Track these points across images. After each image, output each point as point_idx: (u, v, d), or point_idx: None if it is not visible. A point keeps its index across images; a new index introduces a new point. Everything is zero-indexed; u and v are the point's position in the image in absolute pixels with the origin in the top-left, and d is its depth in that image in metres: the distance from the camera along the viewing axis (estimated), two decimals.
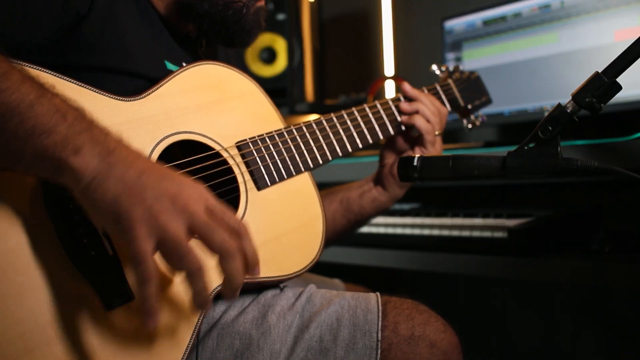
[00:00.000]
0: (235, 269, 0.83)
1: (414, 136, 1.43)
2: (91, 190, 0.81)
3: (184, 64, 1.16)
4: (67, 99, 0.86)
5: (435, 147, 1.41)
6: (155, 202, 0.80)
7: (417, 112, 1.39)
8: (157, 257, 0.82)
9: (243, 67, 1.44)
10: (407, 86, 1.42)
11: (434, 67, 1.60)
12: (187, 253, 0.80)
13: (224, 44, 1.27)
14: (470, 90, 1.58)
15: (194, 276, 0.81)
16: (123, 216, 0.80)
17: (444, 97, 1.50)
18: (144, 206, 0.80)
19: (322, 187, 1.32)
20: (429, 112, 1.39)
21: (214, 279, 0.93)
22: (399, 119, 1.39)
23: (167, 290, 0.95)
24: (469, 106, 1.56)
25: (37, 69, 0.92)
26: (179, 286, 0.96)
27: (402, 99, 1.42)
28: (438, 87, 1.50)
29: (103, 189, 0.80)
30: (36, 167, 0.84)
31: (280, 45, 2.67)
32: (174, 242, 0.80)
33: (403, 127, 1.40)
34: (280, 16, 2.63)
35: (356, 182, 1.49)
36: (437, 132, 1.41)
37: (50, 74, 0.94)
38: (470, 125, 1.59)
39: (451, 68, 1.60)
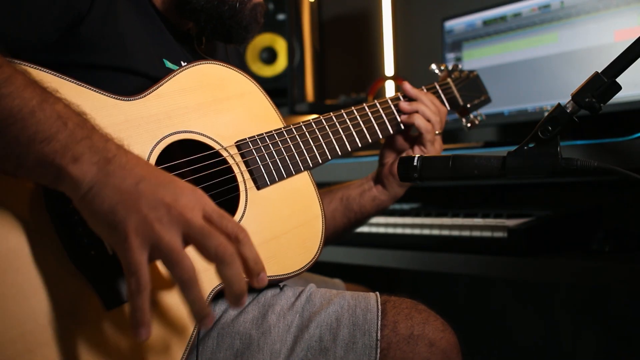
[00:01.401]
0: (233, 274, 0.81)
1: (413, 135, 1.43)
2: (89, 200, 0.81)
3: (183, 63, 1.17)
4: (69, 104, 0.86)
5: (435, 147, 1.41)
6: (151, 211, 0.80)
7: (417, 111, 1.39)
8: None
9: (243, 67, 1.44)
10: (407, 85, 1.42)
11: (433, 66, 1.59)
12: (179, 261, 0.80)
13: (222, 40, 1.27)
14: (470, 89, 1.58)
15: (186, 285, 0.80)
16: (118, 226, 0.80)
17: (442, 96, 1.49)
18: (140, 215, 0.80)
19: (322, 186, 1.32)
20: (429, 112, 1.39)
21: (214, 278, 0.93)
22: (398, 118, 1.39)
23: (167, 290, 0.95)
24: (468, 105, 1.56)
25: (38, 69, 0.92)
26: None
27: (401, 98, 1.42)
28: (437, 86, 1.50)
29: (100, 198, 0.81)
30: (37, 174, 0.84)
31: (280, 45, 2.67)
32: (167, 251, 0.80)
33: (402, 127, 1.40)
34: (280, 16, 2.64)
35: (356, 181, 1.49)
36: (437, 132, 1.41)
37: (50, 73, 0.94)
38: (469, 125, 1.59)
39: (450, 67, 1.60)
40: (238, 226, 0.85)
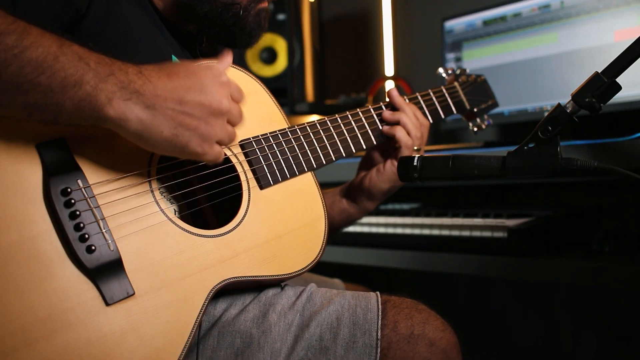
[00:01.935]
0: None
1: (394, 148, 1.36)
2: (144, 135, 0.91)
3: None
4: (82, 44, 0.89)
5: None
6: (205, 125, 0.94)
7: (398, 122, 1.33)
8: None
9: (243, 66, 1.44)
10: (394, 92, 1.37)
11: (440, 70, 1.58)
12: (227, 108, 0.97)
13: (226, 45, 1.27)
14: (477, 93, 1.57)
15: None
16: (186, 149, 0.94)
17: (425, 108, 1.43)
18: (198, 132, 0.93)
19: (325, 187, 1.32)
20: (411, 124, 1.33)
21: (215, 277, 0.93)
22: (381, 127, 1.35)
23: (167, 288, 0.96)
24: (475, 109, 1.55)
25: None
26: (180, 283, 0.96)
27: (383, 107, 1.36)
28: (432, 94, 1.46)
29: (155, 132, 0.91)
30: (77, 118, 0.88)
31: (280, 45, 2.67)
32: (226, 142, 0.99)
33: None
34: (280, 16, 2.64)
35: (331, 190, 1.45)
36: (415, 147, 1.34)
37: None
38: (475, 129, 1.57)
39: (457, 71, 1.59)
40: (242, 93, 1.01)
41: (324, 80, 2.90)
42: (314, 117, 1.29)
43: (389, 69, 2.69)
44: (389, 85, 2.66)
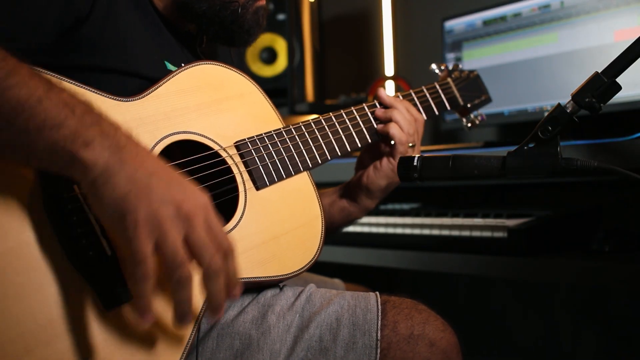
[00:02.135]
0: (218, 288, 0.84)
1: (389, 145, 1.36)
2: (100, 184, 0.82)
3: (184, 64, 1.16)
4: (75, 93, 0.87)
5: None
6: (161, 206, 0.82)
7: (391, 119, 1.32)
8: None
9: (243, 65, 1.44)
10: (382, 92, 1.36)
11: (434, 65, 1.58)
12: (182, 263, 0.81)
13: (224, 43, 1.27)
14: (470, 89, 1.57)
15: (181, 286, 0.82)
16: (128, 216, 0.81)
17: (418, 104, 1.42)
18: (150, 209, 0.81)
19: (321, 187, 1.31)
20: (404, 121, 1.32)
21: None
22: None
23: (165, 291, 0.95)
24: (469, 105, 1.55)
25: (38, 70, 0.92)
26: None
27: (377, 105, 1.36)
28: (425, 90, 1.45)
29: (112, 184, 0.82)
30: (47, 161, 0.84)
31: (280, 45, 2.67)
32: (172, 250, 0.81)
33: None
34: (280, 16, 2.64)
35: (330, 189, 1.44)
36: (410, 144, 1.33)
37: (48, 74, 0.94)
38: (469, 125, 1.58)
39: (450, 67, 1.59)
40: (230, 242, 0.87)
41: (324, 80, 2.89)
42: (313, 117, 1.28)
43: (389, 69, 2.69)
44: (389, 85, 2.65)
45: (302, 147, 1.20)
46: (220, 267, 0.84)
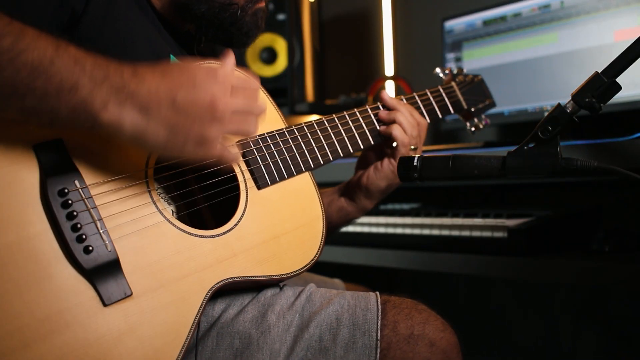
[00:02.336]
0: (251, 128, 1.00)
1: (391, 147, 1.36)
2: (140, 141, 0.90)
3: None
4: (78, 46, 0.88)
5: None
6: (200, 125, 0.91)
7: (394, 121, 1.33)
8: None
9: (242, 65, 1.44)
10: (385, 94, 1.37)
11: (438, 69, 1.57)
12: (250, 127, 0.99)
13: (223, 44, 1.27)
14: (474, 93, 1.57)
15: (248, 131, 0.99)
16: (183, 153, 0.93)
17: (422, 107, 1.43)
18: (194, 134, 0.91)
19: (323, 187, 1.31)
20: (407, 123, 1.33)
21: (213, 277, 0.92)
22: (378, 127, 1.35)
23: (165, 289, 0.95)
24: (472, 109, 1.55)
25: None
26: (178, 283, 0.96)
27: (380, 107, 1.36)
28: (429, 93, 1.46)
29: (149, 135, 0.90)
30: (72, 123, 0.88)
31: (280, 45, 2.67)
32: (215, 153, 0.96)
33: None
34: (280, 16, 2.63)
35: (328, 189, 1.45)
36: (412, 147, 1.34)
37: None
38: (473, 129, 1.57)
39: (455, 71, 1.58)
40: (255, 83, 1.01)
41: (324, 80, 2.89)
42: (314, 117, 1.28)
43: (389, 69, 2.69)
44: (389, 85, 2.66)
45: (304, 147, 1.20)
46: (250, 121, 0.99)
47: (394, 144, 1.32)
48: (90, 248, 0.90)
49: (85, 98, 0.85)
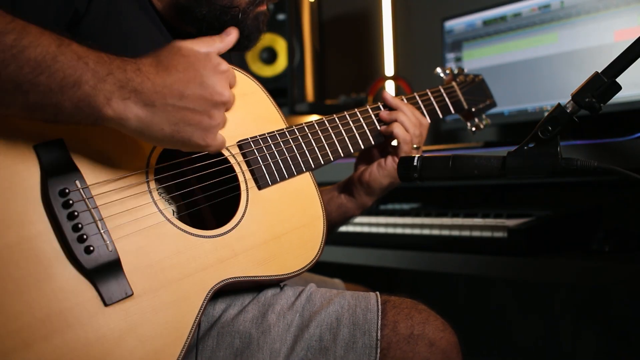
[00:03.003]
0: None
1: (392, 146, 1.37)
2: (145, 134, 0.92)
3: None
4: (80, 41, 0.88)
5: None
6: (208, 118, 0.94)
7: (396, 120, 1.33)
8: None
9: (243, 65, 1.44)
10: (387, 94, 1.37)
11: (438, 69, 1.57)
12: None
13: None
14: (474, 93, 1.57)
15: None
16: (188, 143, 0.94)
17: (423, 107, 1.43)
18: (201, 127, 0.94)
19: (323, 187, 1.31)
20: (409, 122, 1.33)
21: (213, 277, 0.92)
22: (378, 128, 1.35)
23: (166, 289, 0.95)
24: (473, 109, 1.55)
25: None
26: (178, 283, 0.96)
27: (381, 107, 1.37)
28: (429, 93, 1.46)
29: (155, 129, 0.91)
30: (77, 117, 0.88)
31: (280, 45, 2.67)
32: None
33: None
34: (280, 16, 2.64)
35: (328, 187, 1.45)
36: (415, 145, 1.34)
37: None
38: (474, 129, 1.57)
39: (455, 70, 1.58)
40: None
41: (324, 80, 2.90)
42: (314, 117, 1.28)
43: (389, 69, 2.69)
44: (389, 85, 2.66)
45: (304, 148, 1.20)
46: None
47: (396, 143, 1.32)
48: (91, 248, 0.90)
49: (89, 93, 0.86)
